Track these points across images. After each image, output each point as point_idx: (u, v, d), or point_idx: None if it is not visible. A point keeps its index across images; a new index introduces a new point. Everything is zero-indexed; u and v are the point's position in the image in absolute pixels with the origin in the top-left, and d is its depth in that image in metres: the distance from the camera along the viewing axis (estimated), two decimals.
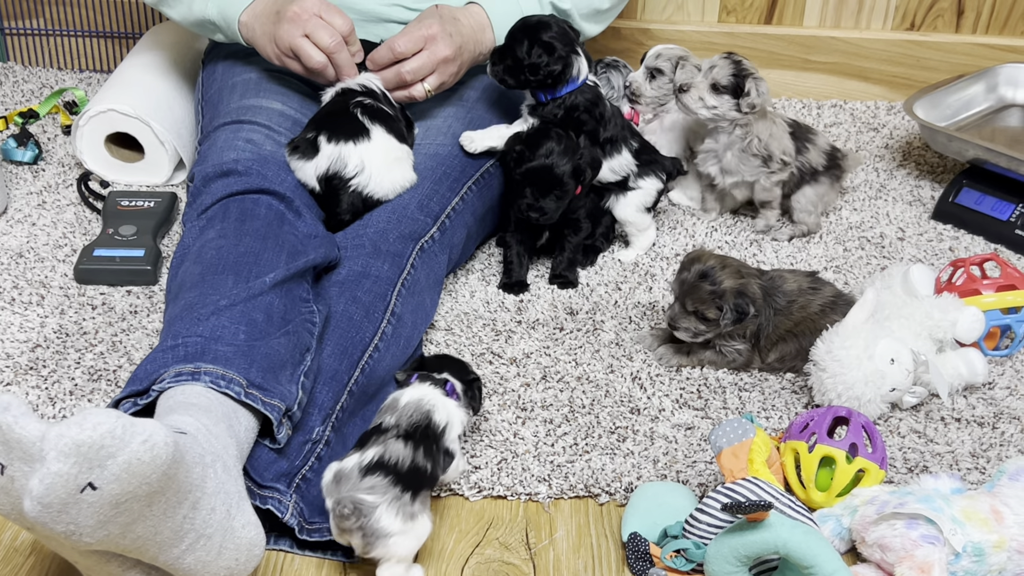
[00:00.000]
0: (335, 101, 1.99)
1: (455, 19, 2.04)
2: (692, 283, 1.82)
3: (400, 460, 1.46)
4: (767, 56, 2.75)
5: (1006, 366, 1.93)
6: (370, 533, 1.43)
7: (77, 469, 1.20)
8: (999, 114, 2.55)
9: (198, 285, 1.67)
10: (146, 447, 1.23)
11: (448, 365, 1.66)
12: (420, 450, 1.49)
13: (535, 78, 2.01)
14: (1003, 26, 2.76)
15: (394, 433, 1.50)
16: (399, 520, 1.43)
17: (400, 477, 1.45)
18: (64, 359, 1.86)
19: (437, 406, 1.56)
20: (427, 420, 1.53)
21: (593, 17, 2.24)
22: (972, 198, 2.30)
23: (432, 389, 1.58)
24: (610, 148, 2.10)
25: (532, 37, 2.00)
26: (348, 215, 1.92)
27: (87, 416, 1.21)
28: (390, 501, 1.43)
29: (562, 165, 1.97)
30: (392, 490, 1.43)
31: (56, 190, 2.31)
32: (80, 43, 2.78)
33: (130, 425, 1.22)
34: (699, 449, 1.73)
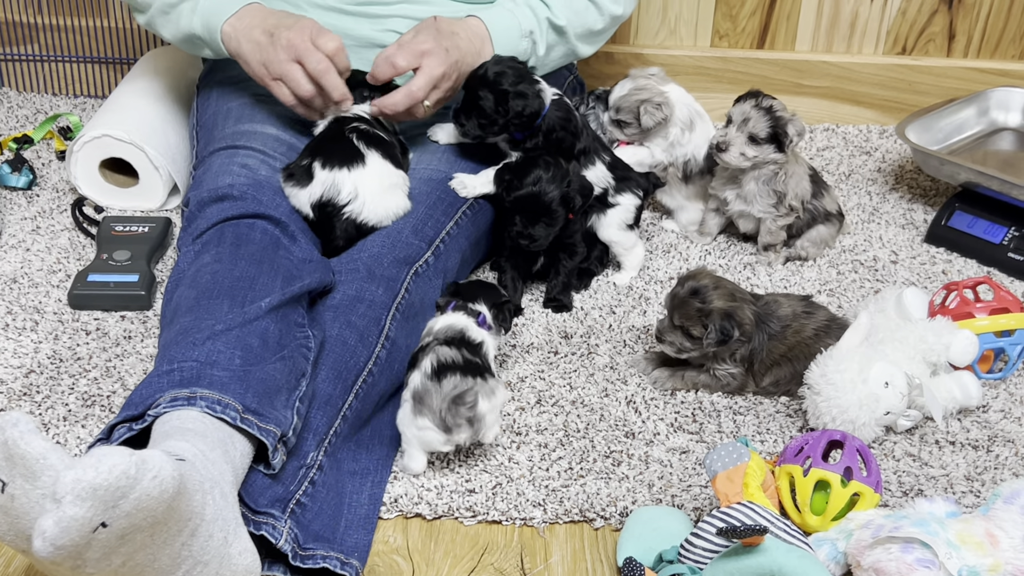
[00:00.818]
0: (330, 128, 1.99)
1: (453, 33, 2.03)
2: (682, 298, 1.84)
3: (454, 359, 1.69)
4: (759, 80, 2.77)
5: (1000, 389, 1.93)
6: (477, 419, 1.66)
7: (93, 512, 1.20)
8: (991, 138, 2.56)
9: (193, 310, 1.66)
10: (156, 483, 1.23)
11: (481, 291, 1.84)
12: (464, 350, 1.71)
13: (517, 123, 2.02)
14: (994, 50, 2.78)
15: (434, 343, 1.72)
16: (487, 401, 1.67)
17: (465, 369, 1.67)
18: (58, 384, 1.86)
19: (469, 327, 1.76)
20: (462, 335, 1.74)
21: (587, 38, 2.24)
22: (965, 221, 2.30)
23: (465, 318, 1.78)
24: (584, 160, 2.10)
25: (496, 90, 1.99)
26: (342, 242, 1.93)
27: (103, 459, 1.20)
28: (475, 388, 1.66)
29: (550, 192, 1.97)
30: (468, 379, 1.66)
31: (50, 215, 2.31)
32: (75, 69, 2.79)
33: (141, 462, 1.22)
34: (694, 473, 1.73)
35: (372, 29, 2.14)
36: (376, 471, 1.69)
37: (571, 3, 2.18)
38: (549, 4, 2.15)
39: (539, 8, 2.15)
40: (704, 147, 2.27)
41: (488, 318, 1.81)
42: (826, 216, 2.25)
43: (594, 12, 2.21)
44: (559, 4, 2.16)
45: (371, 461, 1.70)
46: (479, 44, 2.06)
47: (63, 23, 2.75)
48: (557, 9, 2.16)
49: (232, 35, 2.02)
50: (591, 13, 2.21)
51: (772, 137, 2.12)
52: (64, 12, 2.75)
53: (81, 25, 2.74)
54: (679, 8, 2.74)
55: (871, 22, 2.75)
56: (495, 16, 2.10)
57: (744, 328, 1.82)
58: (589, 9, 2.21)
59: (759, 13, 2.74)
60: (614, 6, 2.23)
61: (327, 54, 1.94)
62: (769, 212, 2.20)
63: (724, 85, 2.77)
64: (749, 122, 2.12)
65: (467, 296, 1.83)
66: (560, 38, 2.18)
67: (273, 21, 1.98)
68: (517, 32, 2.10)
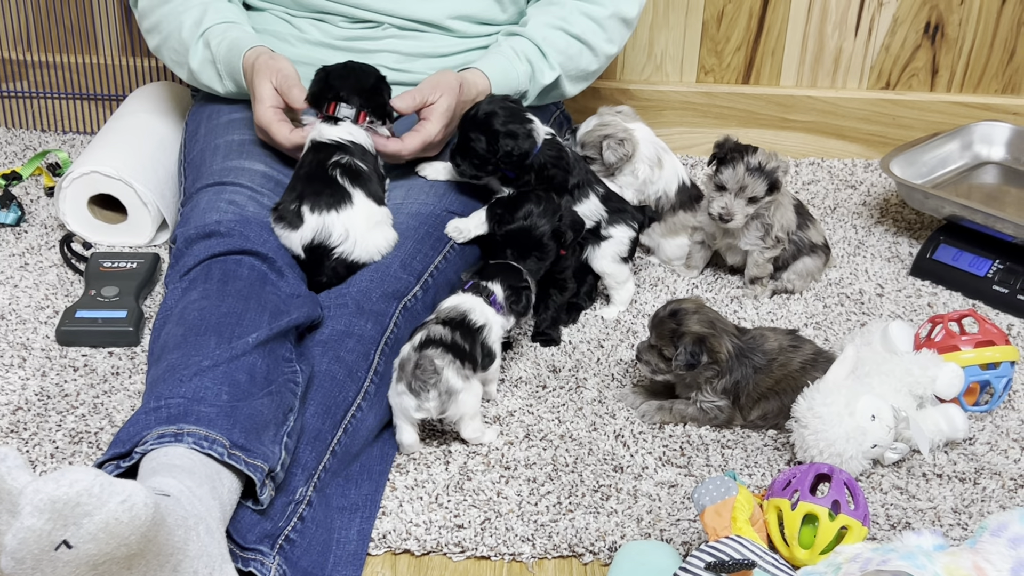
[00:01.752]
0: (312, 161, 1.98)
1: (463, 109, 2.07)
2: (661, 318, 1.86)
3: (443, 336, 1.78)
4: (745, 115, 2.79)
5: (986, 421, 1.94)
6: (444, 390, 1.74)
7: (51, 525, 1.19)
8: (975, 171, 2.58)
9: (180, 346, 1.67)
10: (124, 507, 1.22)
11: (502, 272, 1.92)
12: (457, 333, 1.79)
13: (508, 163, 2.04)
14: (977, 85, 2.81)
15: (432, 320, 1.83)
16: (459, 378, 1.75)
17: (448, 347, 1.76)
18: (45, 421, 1.85)
19: (475, 309, 1.84)
20: (462, 317, 1.82)
21: (581, 78, 2.28)
22: (949, 254, 2.32)
23: (474, 298, 1.87)
24: (578, 193, 2.11)
25: (490, 132, 2.01)
26: (327, 279, 1.93)
27: (65, 473, 1.20)
28: (449, 363, 1.75)
29: (541, 227, 1.98)
30: (447, 355, 1.75)
31: (39, 252, 2.31)
32: (64, 105, 2.80)
33: (109, 484, 1.21)
34: (682, 507, 1.73)
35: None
36: (365, 506, 1.69)
37: (565, 49, 2.21)
38: (544, 52, 2.18)
39: (537, 64, 2.18)
40: (674, 182, 2.29)
41: (500, 298, 1.89)
42: (811, 248, 2.26)
43: (589, 55, 2.24)
44: (553, 52, 2.19)
45: (360, 496, 1.70)
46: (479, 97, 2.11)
47: (52, 60, 2.76)
48: (553, 59, 2.19)
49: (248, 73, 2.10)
50: (585, 56, 2.24)
51: (770, 189, 2.15)
52: (53, 49, 2.76)
53: (70, 62, 2.76)
54: (665, 44, 2.76)
55: (855, 57, 2.77)
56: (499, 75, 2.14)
57: (717, 357, 1.83)
58: (584, 53, 2.24)
59: (744, 49, 2.77)
60: (608, 46, 2.26)
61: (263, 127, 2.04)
62: (756, 244, 2.21)
63: (710, 120, 2.79)
64: (747, 188, 2.13)
65: (486, 275, 1.92)
66: (551, 87, 2.23)
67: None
68: (514, 92, 2.16)
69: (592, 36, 2.23)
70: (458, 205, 2.09)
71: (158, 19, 2.19)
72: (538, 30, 2.20)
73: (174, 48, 2.18)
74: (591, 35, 2.23)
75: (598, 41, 2.24)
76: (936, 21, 2.73)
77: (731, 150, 2.16)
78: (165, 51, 2.21)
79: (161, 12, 2.18)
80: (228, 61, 2.11)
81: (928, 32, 2.74)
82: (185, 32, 2.14)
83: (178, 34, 2.16)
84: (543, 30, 2.20)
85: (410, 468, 1.79)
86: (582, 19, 2.22)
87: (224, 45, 2.11)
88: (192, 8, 2.16)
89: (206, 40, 2.14)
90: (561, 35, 2.20)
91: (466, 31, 2.22)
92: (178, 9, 2.16)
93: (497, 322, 1.88)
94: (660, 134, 2.77)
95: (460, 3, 2.21)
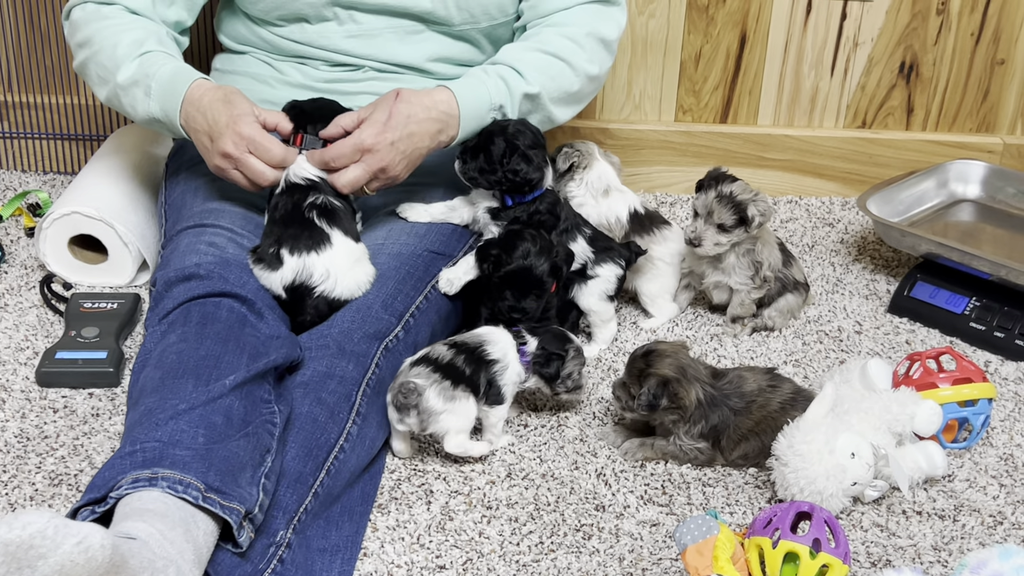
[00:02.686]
0: (285, 203, 1.97)
1: (408, 117, 2.00)
2: (634, 357, 1.89)
3: (440, 356, 1.83)
4: (723, 154, 2.81)
5: (965, 458, 1.95)
6: (423, 411, 1.80)
7: (4, 569, 1.18)
8: (950, 209, 2.60)
9: (158, 390, 1.66)
10: (80, 549, 1.21)
11: (547, 333, 1.96)
12: (461, 357, 1.84)
13: (510, 182, 2.05)
14: (952, 123, 2.84)
15: (443, 342, 1.88)
16: (442, 400, 1.80)
17: (439, 367, 1.82)
18: (25, 464, 1.84)
19: (497, 344, 1.89)
20: (478, 345, 1.87)
21: (564, 101, 2.21)
22: (927, 292, 2.34)
23: (505, 335, 1.91)
24: (565, 237, 2.13)
25: (511, 144, 2.03)
26: (311, 317, 1.93)
27: (19, 515, 1.20)
28: (432, 384, 1.80)
29: (540, 265, 1.99)
30: (433, 376, 1.81)
31: (19, 292, 2.30)
32: (44, 146, 2.80)
33: (63, 526, 1.21)
34: (664, 546, 1.73)
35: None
36: (346, 548, 1.68)
37: (545, 69, 2.16)
38: (522, 72, 2.13)
39: (511, 79, 2.12)
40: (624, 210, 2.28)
41: (529, 349, 1.92)
42: (795, 285, 2.28)
43: (569, 73, 2.18)
44: (532, 72, 2.14)
45: (341, 538, 1.69)
46: (442, 122, 2.05)
47: (33, 100, 2.76)
48: (530, 77, 2.13)
49: (187, 127, 2.04)
50: (566, 74, 2.18)
51: (740, 221, 2.16)
52: (34, 90, 2.76)
53: (50, 102, 2.76)
54: (643, 84, 2.79)
55: (831, 97, 2.80)
56: (466, 89, 2.08)
57: (680, 402, 1.84)
58: (564, 71, 2.18)
59: (722, 88, 2.79)
60: (589, 65, 2.21)
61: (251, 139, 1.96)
62: (746, 284, 2.22)
63: (689, 159, 2.81)
64: (714, 214, 2.15)
65: (533, 330, 1.95)
66: (534, 105, 2.16)
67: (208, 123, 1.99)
68: (487, 105, 2.09)
69: (570, 54, 2.17)
70: (439, 245, 2.10)
71: (90, 33, 2.11)
72: (511, 53, 2.16)
73: (102, 63, 2.09)
74: (569, 53, 2.17)
75: (577, 59, 2.18)
76: (911, 61, 2.77)
77: (712, 178, 2.19)
78: (91, 66, 2.12)
79: (95, 27, 2.11)
80: (170, 84, 2.03)
81: (903, 72, 2.78)
82: (121, 49, 2.06)
83: (111, 50, 2.07)
84: (516, 52, 2.16)
85: (391, 508, 1.79)
86: (558, 39, 2.18)
87: (168, 69, 2.04)
88: (134, 30, 2.10)
89: (143, 61, 2.05)
90: (537, 54, 2.16)
91: (446, 73, 2.23)
92: (117, 28, 2.09)
93: (515, 366, 1.90)
94: (639, 172, 2.82)
95: (439, 46, 2.22)
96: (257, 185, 2.00)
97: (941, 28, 2.73)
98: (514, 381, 1.90)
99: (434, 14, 2.17)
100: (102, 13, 2.12)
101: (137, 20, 2.12)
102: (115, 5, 2.13)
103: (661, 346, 1.89)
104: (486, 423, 1.90)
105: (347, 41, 2.19)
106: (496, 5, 2.20)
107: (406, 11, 2.17)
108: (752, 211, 2.14)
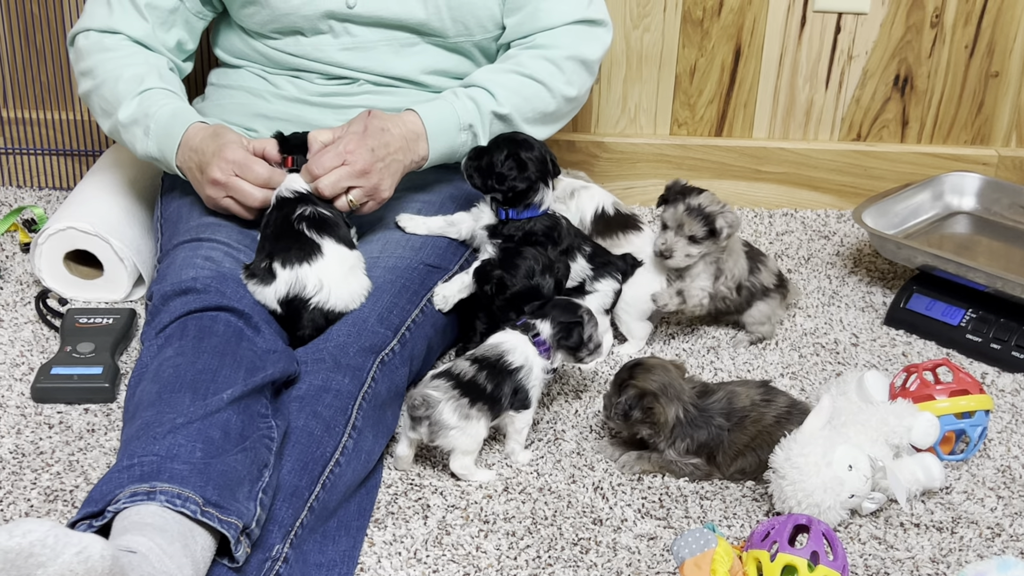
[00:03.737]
0: (276, 218, 1.99)
1: (382, 130, 2.04)
2: (622, 368, 1.91)
3: (463, 373, 1.83)
4: (718, 167, 2.82)
5: (962, 470, 1.95)
6: (434, 423, 1.80)
7: None
8: (946, 221, 2.61)
9: (155, 404, 1.66)
10: (80, 559, 1.21)
11: (556, 308, 1.93)
12: (484, 372, 1.83)
13: (499, 188, 2.04)
14: (947, 136, 2.84)
15: (465, 356, 1.88)
16: (456, 416, 1.80)
17: (459, 383, 1.81)
18: (20, 480, 1.84)
19: (515, 349, 1.87)
20: (499, 356, 1.86)
21: (540, 120, 2.22)
22: (923, 304, 2.34)
23: (518, 336, 1.89)
24: (566, 257, 2.12)
25: (511, 150, 2.04)
26: (309, 331, 1.93)
27: (19, 524, 1.20)
28: (449, 399, 1.80)
29: (547, 285, 2.00)
30: (452, 392, 1.80)
31: (14, 308, 2.30)
32: (39, 161, 2.80)
33: (64, 535, 1.21)
34: (662, 560, 1.73)
35: (336, 119, 2.17)
36: (342, 563, 1.68)
37: (519, 90, 2.17)
38: (494, 93, 2.15)
39: (482, 98, 2.14)
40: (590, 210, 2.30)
41: (546, 336, 1.90)
42: (764, 291, 2.27)
43: (545, 94, 2.20)
44: (504, 92, 2.15)
45: (337, 553, 1.69)
46: (413, 141, 2.08)
47: (27, 116, 2.76)
48: (502, 97, 2.15)
49: (182, 167, 2.09)
50: (542, 96, 2.20)
51: (710, 232, 2.16)
52: (29, 105, 2.77)
53: (45, 118, 2.76)
54: (638, 97, 2.79)
55: (826, 110, 2.81)
56: (432, 110, 2.11)
57: (655, 418, 1.85)
58: (540, 93, 2.19)
59: (716, 102, 2.80)
60: (567, 88, 2.22)
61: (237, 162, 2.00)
62: (704, 289, 2.21)
63: (684, 172, 2.81)
64: (684, 226, 2.15)
65: (540, 312, 1.93)
66: (506, 125, 2.17)
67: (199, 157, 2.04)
68: (455, 125, 2.11)
69: (548, 77, 2.19)
70: (435, 258, 2.10)
71: (94, 64, 2.16)
72: (485, 75, 2.18)
73: (105, 97, 2.14)
74: (546, 76, 2.19)
75: (555, 82, 2.20)
76: (905, 74, 2.77)
77: (677, 192, 2.20)
78: (95, 97, 2.17)
79: (99, 58, 2.15)
80: (168, 126, 2.08)
81: (898, 84, 2.78)
82: (122, 85, 2.11)
83: (113, 85, 2.12)
84: (491, 75, 2.18)
85: (388, 523, 1.78)
86: (537, 61, 2.19)
87: (167, 110, 2.09)
88: (136, 65, 2.14)
89: (143, 99, 2.11)
90: (513, 76, 2.18)
91: (441, 86, 2.23)
92: (120, 61, 2.14)
93: (538, 364, 1.89)
94: (635, 186, 2.82)
95: (434, 59, 2.23)
96: (249, 208, 2.03)
97: (935, 41, 2.74)
98: (540, 379, 1.90)
99: (428, 26, 2.18)
100: (104, 44, 2.16)
101: (138, 53, 2.17)
102: (118, 34, 2.17)
103: (648, 361, 1.90)
104: (512, 429, 1.90)
105: (342, 54, 2.20)
106: (490, 18, 2.21)
107: (401, 23, 2.18)
108: (721, 223, 2.14)
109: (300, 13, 2.15)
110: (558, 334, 1.91)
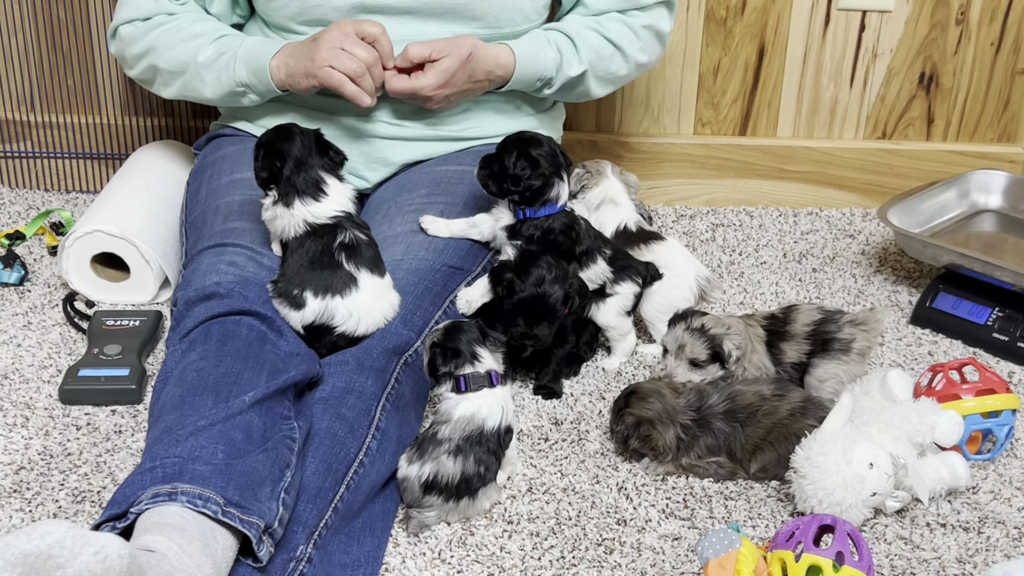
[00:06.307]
0: (311, 249, 1.93)
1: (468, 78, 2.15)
2: (620, 395, 1.94)
3: (450, 478, 1.75)
4: (743, 166, 2.81)
5: (989, 470, 1.94)
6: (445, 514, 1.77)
7: None
8: (972, 219, 2.59)
9: (178, 407, 1.67)
10: (98, 559, 1.22)
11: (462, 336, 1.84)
12: (471, 458, 1.76)
13: (515, 189, 2.05)
14: (972, 134, 2.83)
15: (446, 451, 1.76)
16: (458, 516, 1.78)
17: (449, 494, 1.75)
18: (48, 481, 1.85)
19: (491, 414, 1.80)
20: (479, 430, 1.78)
21: (607, 81, 2.33)
22: (949, 303, 2.32)
23: (482, 396, 1.80)
24: (585, 259, 2.12)
25: (521, 150, 2.05)
26: (326, 351, 1.92)
27: (37, 526, 1.21)
28: (447, 513, 1.77)
29: (554, 294, 1.98)
30: (445, 506, 1.76)
31: (42, 311, 2.32)
32: (67, 165, 2.82)
33: (81, 536, 1.22)
34: (686, 560, 1.73)
35: (360, 109, 2.17)
36: (367, 563, 1.68)
37: (598, 49, 2.26)
38: (577, 47, 2.24)
39: (566, 53, 2.24)
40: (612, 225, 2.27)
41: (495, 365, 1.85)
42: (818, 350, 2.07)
43: (619, 59, 2.29)
44: (585, 49, 2.25)
45: (362, 553, 1.69)
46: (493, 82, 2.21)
47: (55, 120, 2.79)
48: (583, 54, 2.25)
49: (278, 65, 2.14)
50: (616, 59, 2.29)
51: (714, 356, 2.02)
52: (56, 110, 2.79)
53: (73, 122, 2.79)
54: (662, 97, 2.79)
55: (851, 108, 2.80)
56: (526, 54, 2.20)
57: (653, 444, 1.88)
58: (615, 56, 2.29)
59: (740, 101, 2.79)
60: (640, 55, 2.31)
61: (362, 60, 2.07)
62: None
63: (708, 171, 2.81)
64: (685, 348, 2.01)
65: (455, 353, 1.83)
66: (578, 81, 2.28)
67: (300, 54, 2.11)
68: (536, 76, 2.22)
69: (626, 42, 2.28)
70: (457, 260, 2.10)
71: (152, 39, 2.21)
72: (573, 25, 2.26)
73: (174, 58, 2.19)
74: (625, 41, 2.28)
75: (631, 48, 2.29)
76: (930, 71, 2.76)
77: (678, 315, 2.05)
78: (160, 64, 2.21)
79: (156, 32, 2.21)
80: (258, 48, 2.15)
81: (923, 82, 2.77)
82: (194, 40, 2.18)
83: (183, 44, 2.18)
84: (579, 27, 2.26)
85: None
86: (617, 25, 2.28)
87: (252, 40, 2.18)
88: (203, 22, 2.21)
89: (221, 41, 2.18)
90: (595, 35, 2.26)
91: None
92: (183, 24, 2.20)
93: (508, 396, 1.84)
94: (658, 185, 2.82)
95: None
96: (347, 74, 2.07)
97: (960, 38, 2.72)
98: (513, 412, 1.85)
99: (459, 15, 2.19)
100: (157, 22, 2.22)
101: (199, 18, 2.23)
102: (161, 15, 2.22)
103: (644, 387, 1.92)
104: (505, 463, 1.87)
105: None
106: (519, 11, 2.21)
107: (432, 13, 2.19)
108: (727, 346, 1.99)
109: (331, 4, 2.16)
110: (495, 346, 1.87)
